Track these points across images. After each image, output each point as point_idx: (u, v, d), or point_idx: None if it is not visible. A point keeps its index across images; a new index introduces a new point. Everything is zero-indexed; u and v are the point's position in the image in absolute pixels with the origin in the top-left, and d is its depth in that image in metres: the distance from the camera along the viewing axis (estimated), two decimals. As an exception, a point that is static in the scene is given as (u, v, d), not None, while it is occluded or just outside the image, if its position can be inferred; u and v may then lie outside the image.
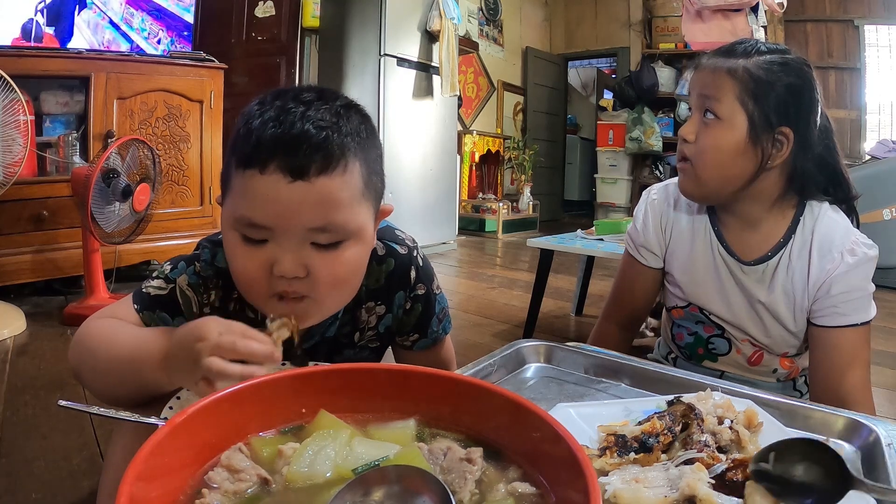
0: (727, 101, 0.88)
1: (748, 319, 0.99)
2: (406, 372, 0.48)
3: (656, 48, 5.99)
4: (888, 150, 3.98)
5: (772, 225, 0.96)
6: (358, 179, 0.63)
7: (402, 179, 4.00)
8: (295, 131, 0.59)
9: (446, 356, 0.90)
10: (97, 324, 0.69)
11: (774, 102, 0.87)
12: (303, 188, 0.59)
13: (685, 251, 1.03)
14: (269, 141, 0.59)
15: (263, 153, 0.59)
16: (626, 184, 6.23)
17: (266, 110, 0.61)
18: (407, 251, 0.80)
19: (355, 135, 0.63)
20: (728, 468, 0.48)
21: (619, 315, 1.13)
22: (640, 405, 0.60)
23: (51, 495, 1.12)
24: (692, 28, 3.70)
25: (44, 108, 2.53)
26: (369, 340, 0.83)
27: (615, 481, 0.48)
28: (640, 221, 1.08)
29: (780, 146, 0.89)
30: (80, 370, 0.69)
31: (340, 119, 0.62)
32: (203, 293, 0.73)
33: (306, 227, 0.60)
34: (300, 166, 0.59)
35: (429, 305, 0.83)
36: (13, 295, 2.39)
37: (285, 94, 0.63)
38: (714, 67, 0.90)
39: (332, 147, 0.60)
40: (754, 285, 0.97)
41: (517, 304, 2.81)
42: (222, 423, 0.42)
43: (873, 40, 5.28)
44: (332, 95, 0.65)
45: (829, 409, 0.70)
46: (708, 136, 0.90)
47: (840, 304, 0.91)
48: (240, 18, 3.90)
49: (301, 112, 0.60)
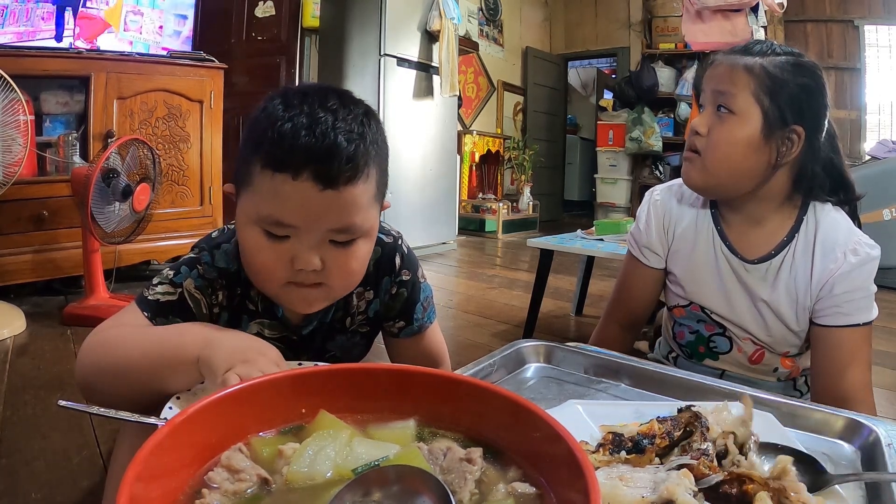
0: (742, 97, 0.89)
1: (750, 318, 0.99)
2: (406, 372, 0.48)
3: (656, 48, 5.99)
4: (888, 150, 3.98)
5: (776, 224, 0.96)
6: (374, 184, 0.69)
7: (402, 179, 4.00)
8: (328, 142, 0.63)
9: (436, 347, 0.92)
10: (111, 333, 0.69)
11: (789, 100, 0.88)
12: (331, 196, 0.64)
13: (687, 250, 1.03)
14: (304, 150, 0.62)
15: (297, 161, 0.63)
16: (626, 184, 6.24)
17: (295, 115, 0.64)
18: (392, 240, 0.85)
19: (375, 143, 0.68)
20: (723, 480, 0.47)
21: (621, 316, 1.13)
22: (654, 409, 0.60)
23: (51, 495, 1.12)
24: (692, 28, 3.70)
25: (44, 108, 2.53)
26: (360, 325, 0.87)
27: (598, 477, 0.47)
28: (642, 222, 1.09)
29: (792, 144, 0.89)
30: (92, 381, 0.68)
31: (365, 128, 0.67)
32: (211, 294, 0.77)
33: (329, 227, 0.66)
34: (332, 177, 0.63)
35: (414, 291, 0.87)
36: (13, 295, 2.39)
37: (310, 96, 0.66)
38: (731, 64, 0.91)
39: (359, 158, 0.65)
40: (757, 284, 0.97)
41: (517, 304, 2.81)
42: (222, 423, 0.42)
43: (873, 40, 5.28)
44: (351, 100, 0.69)
45: (829, 409, 0.70)
46: (721, 130, 0.91)
47: (843, 304, 0.91)
48: (240, 18, 3.91)
49: (332, 122, 0.64)
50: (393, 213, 3.92)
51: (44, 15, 2.54)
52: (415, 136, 4.12)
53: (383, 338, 0.92)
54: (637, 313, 1.12)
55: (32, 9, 2.52)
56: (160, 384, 0.64)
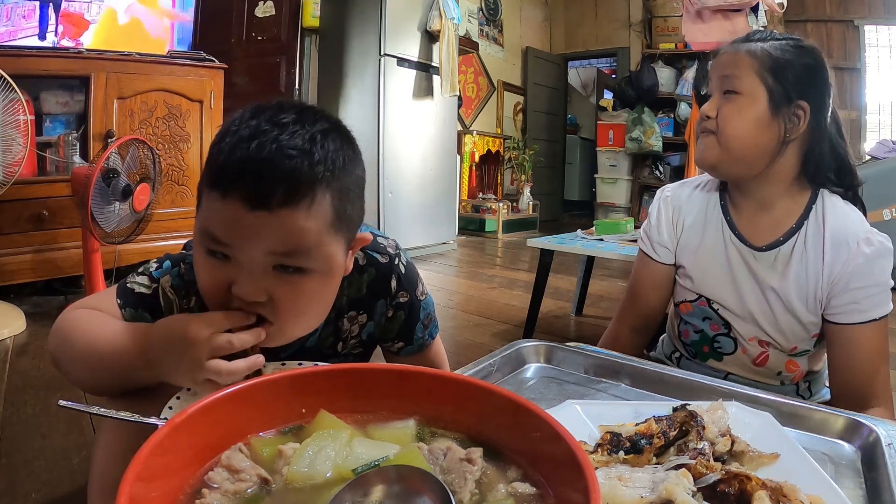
0: (747, 77, 0.92)
1: (758, 309, 0.99)
2: (406, 372, 0.48)
3: (656, 48, 5.99)
4: (888, 150, 3.98)
5: (785, 209, 0.97)
6: (328, 211, 0.60)
7: (402, 179, 4.00)
8: (261, 158, 0.56)
9: (436, 360, 0.89)
10: (77, 314, 0.69)
11: (792, 77, 0.91)
12: (263, 218, 0.56)
13: (696, 242, 1.04)
14: (234, 165, 0.56)
15: (226, 177, 0.57)
16: (626, 184, 6.24)
17: (240, 129, 0.58)
18: (388, 259, 0.79)
19: (329, 163, 0.59)
20: (720, 479, 0.47)
21: (632, 317, 1.13)
22: (653, 409, 0.60)
23: (51, 495, 1.12)
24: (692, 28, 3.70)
25: (44, 107, 2.53)
26: (352, 348, 0.83)
27: (598, 477, 0.47)
28: (653, 217, 1.10)
29: (798, 120, 0.92)
30: (58, 358, 0.69)
31: (315, 145, 0.58)
32: (184, 297, 0.73)
33: (266, 251, 0.58)
34: (261, 196, 0.56)
35: (412, 312, 0.82)
36: (13, 295, 2.39)
37: (264, 111, 0.59)
38: (734, 51, 0.95)
39: (298, 177, 0.57)
40: (766, 272, 0.97)
41: (517, 304, 2.81)
42: (222, 423, 0.42)
43: (873, 40, 5.28)
44: (312, 117, 0.61)
45: (829, 409, 0.70)
46: (730, 109, 0.94)
47: (861, 300, 0.91)
48: (240, 18, 3.91)
49: (273, 136, 0.57)
50: (393, 213, 3.92)
51: (25, 13, 2.53)
52: (415, 136, 4.12)
53: (382, 353, 0.89)
54: (648, 315, 1.11)
55: (13, 7, 2.51)
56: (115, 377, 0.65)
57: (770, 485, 0.46)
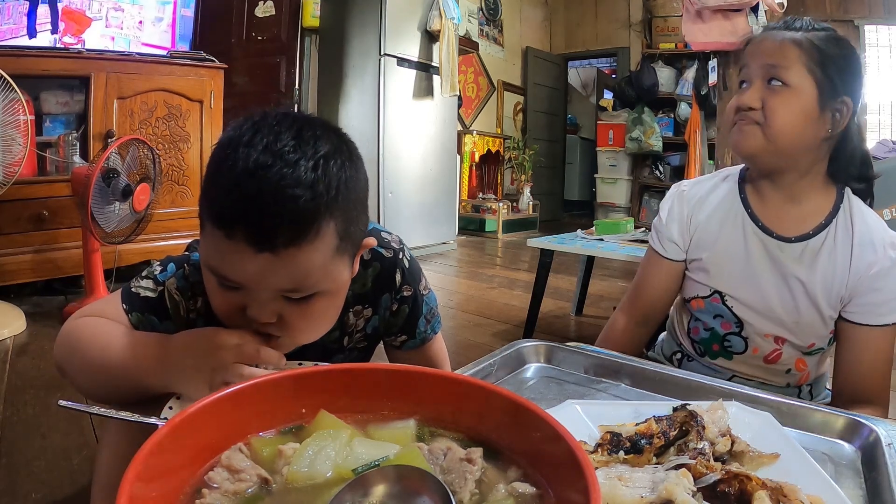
0: (795, 69, 0.91)
1: (778, 300, 0.98)
2: (406, 372, 0.48)
3: (656, 48, 5.99)
4: (888, 150, 3.98)
5: (813, 204, 0.97)
6: (332, 239, 0.59)
7: (402, 179, 4.01)
8: (262, 199, 0.54)
9: (438, 356, 0.90)
10: (83, 322, 0.69)
11: (837, 71, 0.91)
12: (269, 259, 0.56)
13: (713, 236, 1.03)
14: (235, 206, 0.55)
15: (229, 217, 0.55)
16: (626, 184, 6.24)
17: (238, 159, 0.55)
18: (392, 254, 0.79)
19: (332, 190, 0.58)
20: (720, 479, 0.47)
21: (634, 309, 1.13)
22: (653, 409, 0.60)
23: (51, 495, 1.12)
24: (692, 28, 3.69)
25: (44, 107, 2.53)
26: (357, 342, 0.84)
27: (598, 477, 0.47)
28: (665, 212, 1.09)
29: (842, 115, 0.92)
30: (65, 367, 0.69)
31: (318, 173, 0.57)
32: (190, 298, 0.73)
33: (275, 288, 0.59)
34: (266, 238, 0.55)
35: (416, 306, 0.83)
36: (13, 295, 2.39)
37: (261, 130, 0.57)
38: (779, 38, 0.94)
39: (301, 214, 0.56)
40: (792, 263, 0.97)
41: (517, 304, 2.81)
42: (222, 423, 0.42)
43: (873, 40, 5.27)
44: (312, 137, 0.58)
45: (829, 409, 0.70)
46: (778, 101, 0.92)
47: (881, 304, 0.92)
48: (240, 18, 3.91)
49: (274, 171, 0.54)
50: (393, 213, 3.92)
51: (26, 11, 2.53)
52: (415, 136, 4.12)
53: (384, 348, 0.90)
54: (650, 308, 1.11)
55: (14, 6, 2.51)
56: (127, 387, 0.65)
57: (770, 485, 0.46)
